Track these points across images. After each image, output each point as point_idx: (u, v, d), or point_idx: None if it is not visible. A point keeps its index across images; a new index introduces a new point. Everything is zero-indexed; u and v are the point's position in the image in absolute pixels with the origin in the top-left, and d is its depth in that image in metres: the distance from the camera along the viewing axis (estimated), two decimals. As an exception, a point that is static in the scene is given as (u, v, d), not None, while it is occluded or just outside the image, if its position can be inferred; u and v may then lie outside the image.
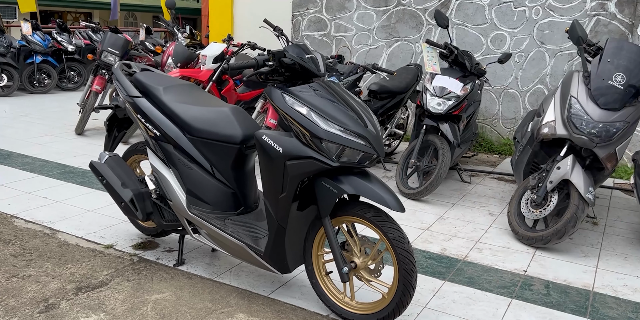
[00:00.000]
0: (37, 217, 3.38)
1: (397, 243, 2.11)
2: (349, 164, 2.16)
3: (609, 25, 5.15)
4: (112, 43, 5.94)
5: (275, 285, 2.63)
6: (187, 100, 2.68)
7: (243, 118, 2.59)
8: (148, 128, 2.66)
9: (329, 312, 2.38)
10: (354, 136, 2.13)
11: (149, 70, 2.96)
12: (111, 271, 2.70)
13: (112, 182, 2.79)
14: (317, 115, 2.13)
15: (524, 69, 5.61)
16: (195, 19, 20.23)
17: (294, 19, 6.90)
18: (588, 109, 3.18)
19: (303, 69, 2.29)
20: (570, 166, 3.18)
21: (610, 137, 3.15)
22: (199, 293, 2.52)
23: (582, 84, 3.28)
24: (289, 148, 2.16)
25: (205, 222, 2.50)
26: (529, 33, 5.54)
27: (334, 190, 2.16)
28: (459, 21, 5.87)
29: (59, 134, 5.84)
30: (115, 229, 3.24)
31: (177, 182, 2.60)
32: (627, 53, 3.20)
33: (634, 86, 3.16)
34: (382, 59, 6.36)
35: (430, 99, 4.13)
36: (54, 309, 2.32)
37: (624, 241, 3.40)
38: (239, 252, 2.45)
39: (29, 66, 8.81)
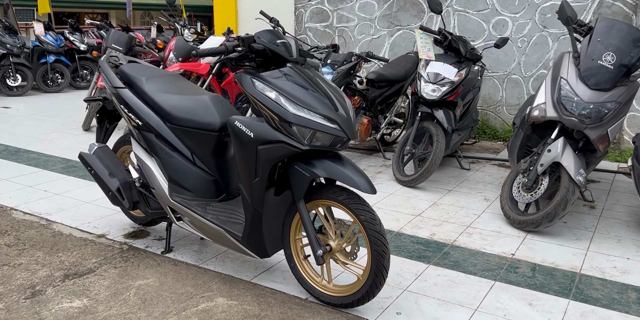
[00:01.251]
0: (35, 209, 3.47)
1: (369, 224, 2.12)
2: (321, 147, 2.17)
3: (612, 7, 5.03)
4: (116, 40, 6.03)
5: (259, 270, 2.66)
6: (169, 89, 2.71)
7: (222, 106, 2.61)
8: (131, 118, 2.71)
9: (308, 295, 2.40)
10: (324, 119, 2.13)
11: (135, 62, 3.00)
12: (100, 259, 2.76)
13: (100, 173, 2.85)
14: (286, 99, 2.14)
15: (527, 54, 5.52)
16: (210, 16, 20.37)
17: (296, 11, 6.90)
18: (578, 90, 3.13)
19: (274, 54, 2.29)
20: (561, 149, 3.13)
21: (602, 118, 3.09)
22: (183, 279, 2.56)
23: (572, 65, 3.22)
24: (260, 133, 2.18)
25: (186, 209, 2.54)
26: (530, 17, 5.45)
27: (306, 174, 2.17)
28: (460, 7, 5.80)
29: (66, 131, 5.96)
30: (109, 219, 3.31)
31: (159, 171, 2.64)
32: (618, 32, 3.14)
33: (624, 65, 3.09)
34: (384, 48, 6.33)
35: (424, 86, 4.10)
36: (39, 295, 2.39)
37: (620, 224, 3.34)
38: (219, 237, 2.48)
39: (43, 66, 8.99)
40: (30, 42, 9.30)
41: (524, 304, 2.35)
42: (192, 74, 5.33)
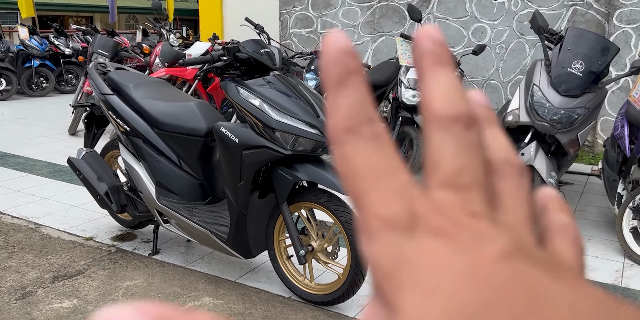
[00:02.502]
0: (23, 212, 3.53)
1: (349, 225, 2.23)
2: (303, 152, 2.28)
3: (586, 15, 5.22)
4: (102, 45, 6.09)
5: (244, 271, 2.75)
6: (156, 96, 2.80)
7: (208, 112, 2.71)
8: (119, 123, 2.79)
9: (291, 294, 2.50)
10: (306, 125, 2.24)
11: (123, 69, 3.09)
12: (88, 261, 2.83)
13: (88, 177, 2.93)
14: (270, 106, 2.25)
15: (505, 60, 5.69)
16: (195, 20, 20.42)
17: (281, 17, 7.01)
18: (549, 97, 3.27)
19: (258, 63, 2.40)
20: (534, 152, 3.27)
21: (572, 123, 3.24)
22: (170, 279, 2.64)
23: (544, 72, 3.37)
24: (245, 138, 2.28)
25: (173, 212, 2.63)
26: (508, 25, 5.62)
27: (289, 178, 2.28)
28: (441, 15, 5.96)
29: (52, 135, 6.00)
30: (97, 222, 3.38)
31: (146, 175, 2.73)
32: (586, 41, 3.29)
33: (593, 73, 3.25)
34: (367, 54, 6.46)
35: (404, 91, 4.23)
36: (30, 296, 2.46)
37: (591, 224, 3.49)
38: (205, 239, 2.57)
39: (27, 70, 8.98)
40: (15, 46, 9.29)
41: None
42: (178, 79, 5.41)
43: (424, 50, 0.21)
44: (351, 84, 0.20)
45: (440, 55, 0.21)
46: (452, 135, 0.20)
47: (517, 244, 0.18)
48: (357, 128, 0.20)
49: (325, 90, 0.21)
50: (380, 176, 0.19)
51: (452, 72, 0.21)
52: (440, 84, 0.21)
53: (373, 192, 0.19)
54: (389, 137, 0.20)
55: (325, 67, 0.21)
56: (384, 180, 0.19)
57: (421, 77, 0.21)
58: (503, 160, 0.22)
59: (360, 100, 0.20)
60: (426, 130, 0.21)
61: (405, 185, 0.19)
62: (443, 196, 0.19)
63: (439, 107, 0.20)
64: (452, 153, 0.20)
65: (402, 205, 0.19)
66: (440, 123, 0.20)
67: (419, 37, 0.22)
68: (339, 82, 0.20)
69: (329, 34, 0.21)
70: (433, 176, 0.20)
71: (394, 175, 0.19)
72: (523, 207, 0.21)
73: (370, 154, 0.19)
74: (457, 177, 0.19)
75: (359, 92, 0.20)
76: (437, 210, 0.19)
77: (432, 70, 0.21)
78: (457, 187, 0.19)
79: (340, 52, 0.21)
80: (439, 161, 0.20)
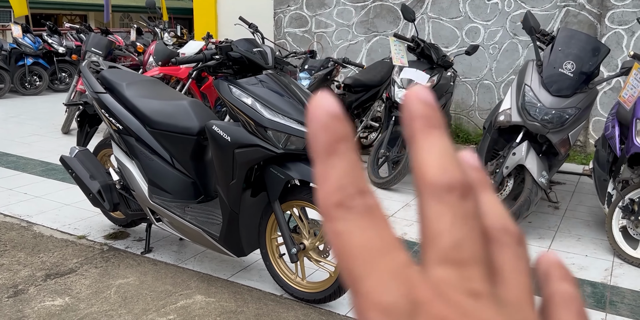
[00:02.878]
0: (15, 211, 3.52)
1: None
2: (295, 151, 2.29)
3: (578, 16, 5.25)
4: (96, 43, 6.07)
5: (236, 269, 2.76)
6: (149, 94, 2.81)
7: (200, 111, 2.72)
8: (112, 122, 2.79)
9: (283, 292, 2.51)
10: (298, 124, 2.25)
11: (116, 68, 3.09)
12: (81, 259, 2.84)
13: (81, 175, 2.93)
14: (262, 105, 2.26)
15: (498, 60, 5.72)
16: (190, 19, 20.37)
17: (275, 17, 7.02)
18: (541, 97, 3.29)
19: (251, 62, 2.41)
20: (525, 152, 3.30)
21: (563, 123, 3.26)
22: (162, 277, 2.65)
23: (535, 73, 3.39)
24: (237, 137, 2.29)
25: (165, 210, 2.64)
26: (502, 25, 5.65)
27: (281, 176, 2.29)
28: (435, 15, 5.98)
29: (45, 134, 5.98)
30: (90, 221, 3.38)
31: (139, 173, 2.73)
32: (577, 42, 3.32)
33: (584, 73, 3.27)
34: (361, 54, 6.48)
35: (397, 91, 4.25)
36: (22, 294, 2.46)
37: (581, 223, 3.52)
38: (197, 237, 2.58)
39: (20, 68, 8.95)
40: (8, 44, 9.25)
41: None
42: (172, 78, 5.41)
43: (413, 112, 0.21)
44: (341, 152, 0.20)
45: (430, 118, 0.21)
46: (447, 206, 0.19)
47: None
48: (349, 202, 0.19)
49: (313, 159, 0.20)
50: (376, 257, 0.18)
51: (443, 135, 0.21)
52: (431, 149, 0.20)
53: (369, 276, 0.18)
54: (381, 209, 0.20)
55: (312, 134, 0.20)
56: (380, 262, 0.18)
57: (412, 141, 0.21)
58: (500, 228, 0.21)
59: (351, 170, 0.19)
60: (420, 200, 0.20)
61: (403, 266, 0.18)
62: (442, 274, 0.19)
63: (433, 175, 0.20)
64: (449, 226, 0.19)
65: (400, 291, 0.18)
66: (435, 193, 0.19)
67: (408, 98, 0.21)
68: (328, 150, 0.20)
69: (317, 98, 0.20)
70: (431, 251, 0.19)
71: (390, 256, 0.18)
72: (524, 280, 0.21)
73: (364, 232, 0.19)
74: (455, 252, 0.19)
75: (349, 160, 0.20)
76: (437, 294, 0.18)
77: (423, 134, 0.20)
78: (456, 263, 0.19)
79: (328, 117, 0.20)
80: (436, 235, 0.19)
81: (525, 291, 0.20)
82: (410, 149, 0.21)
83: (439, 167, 0.20)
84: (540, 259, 0.24)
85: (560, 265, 0.23)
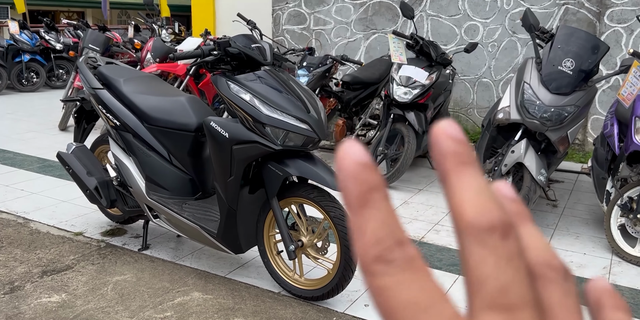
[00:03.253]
0: (12, 207, 3.51)
1: (339, 221, 2.23)
2: (294, 147, 2.28)
3: (577, 14, 5.25)
4: (93, 40, 6.05)
5: (234, 266, 2.75)
6: (146, 91, 2.79)
7: (198, 107, 2.70)
8: (109, 118, 2.77)
9: (281, 289, 2.50)
10: (296, 120, 2.24)
11: (113, 64, 3.07)
12: (77, 256, 2.82)
13: (78, 171, 2.91)
14: (260, 101, 2.24)
15: (497, 58, 5.71)
16: (188, 16, 20.31)
17: (274, 14, 6.99)
18: (540, 94, 3.29)
19: (249, 58, 2.40)
20: (524, 150, 3.29)
21: (562, 121, 3.25)
22: (159, 274, 2.64)
23: (534, 70, 3.38)
24: (235, 133, 2.27)
25: (163, 207, 2.62)
26: (501, 23, 5.63)
27: (279, 173, 2.28)
28: (434, 12, 5.96)
29: (42, 130, 5.96)
30: (87, 217, 3.37)
31: (136, 170, 2.72)
32: (577, 39, 3.31)
33: (583, 71, 3.27)
34: (360, 51, 6.46)
35: (396, 88, 4.23)
36: (18, 290, 2.45)
37: (580, 222, 3.52)
38: (195, 234, 2.57)
39: (18, 65, 8.91)
40: (5, 40, 9.21)
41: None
42: (170, 74, 5.39)
43: (443, 150, 0.20)
44: (374, 202, 0.19)
45: (462, 155, 0.20)
46: (490, 249, 0.18)
47: None
48: (389, 255, 0.18)
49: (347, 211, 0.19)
50: (423, 312, 0.18)
51: (477, 172, 0.20)
52: (467, 188, 0.19)
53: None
54: (422, 259, 0.19)
55: (343, 185, 0.19)
56: (428, 317, 0.18)
57: (444, 179, 0.20)
58: (545, 263, 0.21)
59: (387, 220, 0.19)
60: (461, 243, 0.19)
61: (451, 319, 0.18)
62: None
63: (471, 216, 0.19)
64: (493, 269, 0.18)
65: None
66: (475, 235, 0.19)
67: (436, 135, 0.20)
68: (361, 201, 0.19)
69: (344, 146, 0.20)
70: (477, 298, 0.18)
71: (438, 309, 0.18)
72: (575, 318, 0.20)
73: (408, 286, 0.18)
74: (502, 297, 0.18)
75: (384, 211, 0.19)
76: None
77: (455, 172, 0.20)
78: (505, 308, 0.18)
79: (358, 167, 0.19)
80: (481, 280, 0.18)
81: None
82: (443, 188, 0.20)
83: (476, 207, 0.19)
84: (590, 286, 0.23)
85: (612, 293, 0.23)
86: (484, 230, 0.19)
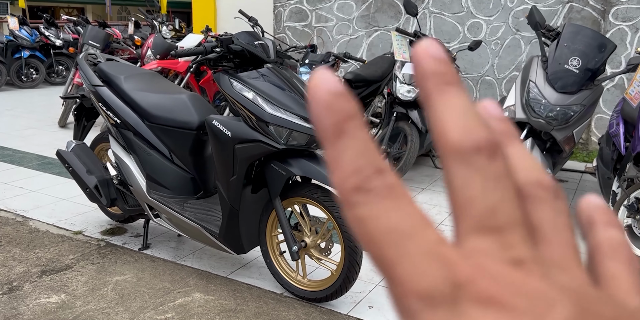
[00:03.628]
0: (11, 205, 3.47)
1: (342, 221, 2.19)
2: (297, 146, 2.24)
3: (582, 12, 5.20)
4: (93, 36, 6.00)
5: (236, 266, 2.71)
6: (147, 88, 2.75)
7: (200, 105, 2.66)
8: (109, 116, 2.73)
9: (283, 290, 2.47)
10: (300, 119, 2.20)
11: (113, 61, 3.03)
12: (77, 255, 2.78)
13: (78, 169, 2.87)
14: (263, 99, 2.20)
15: (500, 56, 5.67)
16: (188, 12, 20.23)
17: (275, 10, 6.94)
18: (545, 93, 3.25)
19: (252, 56, 2.36)
20: (529, 149, 3.25)
21: (567, 120, 3.22)
22: (160, 274, 2.60)
23: (540, 69, 3.34)
24: (237, 132, 2.23)
25: (164, 206, 2.59)
26: (504, 21, 5.59)
27: (283, 173, 2.24)
28: (437, 10, 5.92)
29: (42, 127, 5.91)
30: (86, 216, 3.33)
31: (137, 168, 2.68)
32: (583, 37, 3.27)
33: (589, 70, 3.23)
34: (362, 49, 6.42)
35: (399, 87, 4.19)
36: (17, 290, 2.41)
37: (584, 222, 3.48)
38: (196, 234, 2.53)
39: (17, 61, 8.86)
40: (4, 36, 9.16)
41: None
42: (170, 71, 5.34)
43: (425, 70, 0.19)
44: (350, 131, 0.18)
45: (445, 74, 0.19)
46: (476, 169, 0.18)
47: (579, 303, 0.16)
48: (368, 184, 0.17)
49: (321, 143, 0.18)
50: (406, 239, 0.17)
51: (461, 91, 0.19)
52: (450, 108, 0.18)
53: (402, 261, 0.17)
54: (403, 186, 0.18)
55: (316, 116, 0.18)
56: (411, 243, 0.17)
57: (428, 101, 0.19)
58: (534, 182, 0.20)
59: (364, 149, 0.18)
60: (445, 165, 0.18)
61: (436, 244, 0.17)
62: (479, 245, 0.17)
63: (456, 137, 0.18)
64: (480, 190, 0.18)
65: (438, 272, 0.16)
66: (460, 156, 0.18)
67: (417, 55, 0.19)
68: (336, 131, 0.18)
69: (315, 75, 0.19)
70: (464, 221, 0.18)
71: (421, 235, 0.17)
72: (566, 235, 0.19)
73: (388, 214, 0.17)
74: (490, 218, 0.17)
75: (361, 139, 0.18)
76: (478, 269, 0.16)
77: (438, 93, 0.19)
78: (493, 230, 0.17)
79: (331, 96, 0.18)
80: (467, 202, 0.18)
81: (569, 247, 0.19)
82: (427, 109, 0.19)
83: (461, 128, 0.18)
84: (582, 203, 0.22)
85: (604, 210, 0.22)
86: (470, 151, 0.18)
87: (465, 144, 0.18)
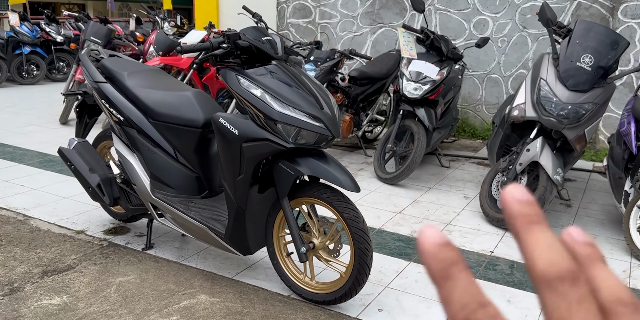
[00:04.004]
0: (12, 204, 3.41)
1: (352, 222, 2.14)
2: (306, 145, 2.18)
3: (590, 9, 5.13)
4: (95, 32, 5.93)
5: (241, 267, 2.66)
6: (151, 85, 2.69)
7: (205, 102, 2.60)
8: (112, 113, 2.67)
9: (290, 292, 2.41)
10: (309, 118, 2.14)
11: (116, 57, 2.96)
12: (79, 255, 2.73)
13: (80, 168, 2.81)
14: (272, 97, 2.14)
15: (507, 53, 5.60)
16: (190, 9, 20.12)
17: (278, 7, 6.87)
18: (557, 91, 3.18)
19: (259, 52, 2.29)
20: (540, 148, 3.19)
21: (579, 119, 3.15)
22: (164, 275, 2.55)
23: (551, 66, 3.28)
24: (245, 130, 2.17)
25: (168, 205, 2.53)
26: (511, 18, 5.52)
27: (291, 172, 2.18)
28: (442, 6, 5.84)
29: (43, 124, 5.85)
30: (88, 215, 3.27)
31: (141, 167, 2.62)
32: (596, 34, 3.20)
33: (602, 67, 3.16)
34: (366, 46, 6.35)
35: (406, 84, 4.13)
36: (18, 291, 2.35)
37: (595, 222, 3.43)
38: (201, 234, 2.47)
39: (18, 57, 8.79)
40: (5, 32, 9.08)
41: (503, 301, 2.40)
42: (173, 68, 5.28)
43: (513, 212, 0.23)
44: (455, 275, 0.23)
45: (530, 215, 0.23)
46: (561, 295, 0.22)
47: None
48: (474, 316, 0.22)
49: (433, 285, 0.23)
50: None
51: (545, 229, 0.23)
52: (537, 244, 0.23)
53: None
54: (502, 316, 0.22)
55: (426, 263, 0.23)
56: None
57: (517, 238, 0.23)
58: (614, 300, 0.22)
59: (468, 287, 0.22)
60: (537, 292, 0.23)
61: None
62: None
63: (543, 269, 0.22)
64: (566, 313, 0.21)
65: None
66: (547, 284, 0.22)
67: (505, 199, 0.24)
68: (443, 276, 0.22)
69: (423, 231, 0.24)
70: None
71: None
72: None
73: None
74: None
75: (464, 280, 0.23)
76: None
77: (525, 231, 0.23)
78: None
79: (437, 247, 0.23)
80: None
81: None
82: (517, 245, 0.23)
83: (546, 260, 0.22)
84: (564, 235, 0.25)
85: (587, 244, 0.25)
86: (554, 279, 0.22)
87: (550, 273, 0.22)
